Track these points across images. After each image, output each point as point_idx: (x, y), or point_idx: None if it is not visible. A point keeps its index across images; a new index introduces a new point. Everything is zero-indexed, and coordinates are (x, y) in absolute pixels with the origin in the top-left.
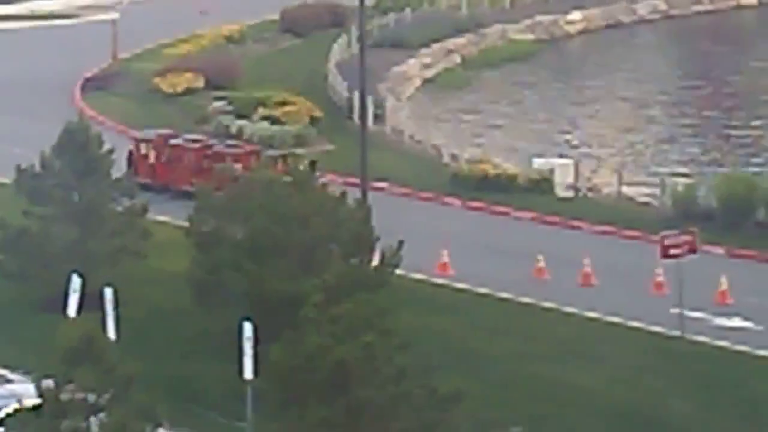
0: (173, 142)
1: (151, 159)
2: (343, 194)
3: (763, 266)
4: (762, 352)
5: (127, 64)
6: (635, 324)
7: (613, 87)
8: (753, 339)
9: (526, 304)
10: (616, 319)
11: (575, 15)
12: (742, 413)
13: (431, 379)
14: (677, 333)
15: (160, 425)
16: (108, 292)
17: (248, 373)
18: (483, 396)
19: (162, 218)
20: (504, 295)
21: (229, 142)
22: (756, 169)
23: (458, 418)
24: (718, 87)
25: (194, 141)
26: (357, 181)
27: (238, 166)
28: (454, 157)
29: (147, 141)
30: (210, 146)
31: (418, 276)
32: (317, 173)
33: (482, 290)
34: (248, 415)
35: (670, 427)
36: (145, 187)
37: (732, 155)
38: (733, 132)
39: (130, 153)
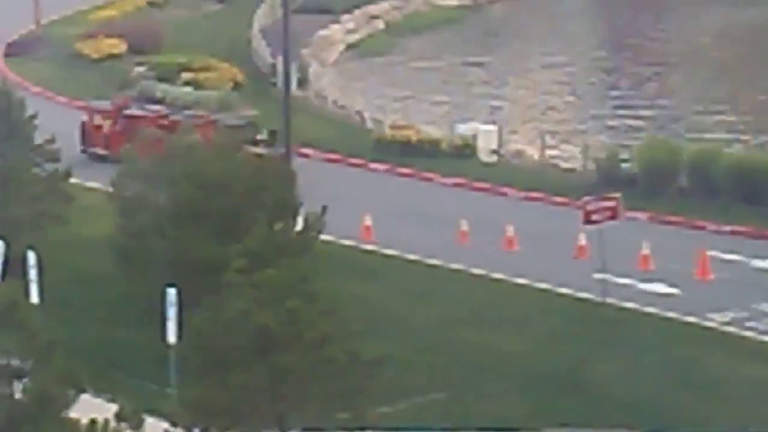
0: (128, 112)
1: (105, 130)
2: (266, 159)
3: (685, 232)
4: (684, 317)
5: (50, 29)
6: (558, 289)
7: (535, 53)
8: (675, 304)
9: (450, 270)
10: (539, 285)
11: None
12: (665, 377)
13: (354, 344)
14: (600, 298)
15: (83, 391)
16: (31, 257)
17: (171, 338)
18: (406, 361)
19: (92, 184)
20: (428, 260)
21: (187, 111)
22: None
23: (381, 383)
24: (636, 53)
25: (150, 111)
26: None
27: (197, 135)
28: (377, 122)
29: (101, 111)
30: (166, 116)
31: (344, 242)
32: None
33: (406, 256)
34: (171, 380)
35: (593, 392)
36: (100, 158)
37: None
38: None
39: (83, 124)
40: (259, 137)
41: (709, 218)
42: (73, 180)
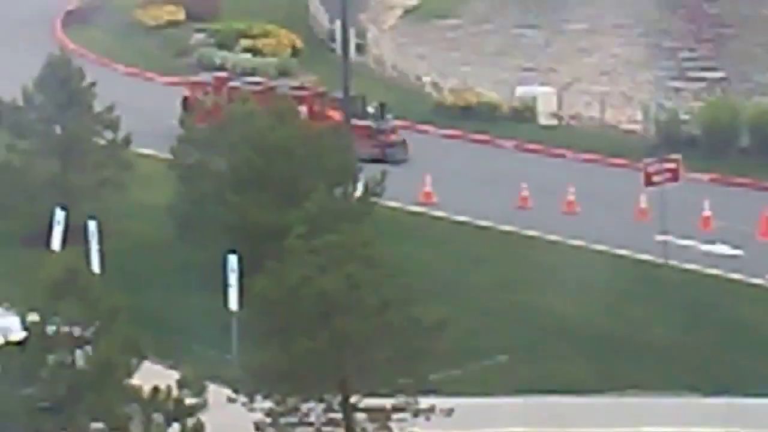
0: (232, 84)
1: (208, 104)
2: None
3: (747, 192)
4: (744, 278)
5: None
6: (619, 251)
7: (595, 15)
8: (736, 265)
9: (510, 233)
10: (599, 247)
11: None
12: (724, 339)
13: (415, 308)
14: (661, 260)
15: (145, 358)
16: (92, 225)
17: (233, 305)
18: (467, 325)
19: (146, 151)
20: (487, 223)
21: (293, 83)
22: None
23: (442, 347)
24: (695, 16)
25: (255, 83)
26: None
27: (303, 108)
28: (436, 87)
29: (204, 84)
30: (272, 88)
31: (404, 206)
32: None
33: (464, 218)
34: (233, 347)
35: (652, 353)
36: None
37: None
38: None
39: (185, 98)
40: (369, 109)
41: None
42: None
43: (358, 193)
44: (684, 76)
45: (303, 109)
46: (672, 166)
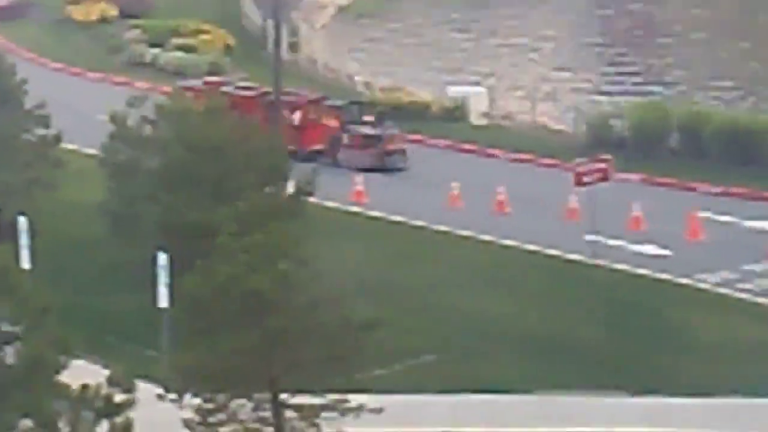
0: (224, 90)
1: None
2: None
3: (676, 193)
4: (672, 278)
5: None
6: (549, 251)
7: (526, 17)
8: (664, 265)
9: (441, 232)
10: (529, 247)
11: None
12: (651, 339)
13: (345, 307)
14: (590, 260)
15: (75, 356)
16: (22, 222)
17: (163, 303)
18: (396, 324)
19: (77, 148)
20: (418, 223)
21: (289, 90)
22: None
23: (372, 346)
24: (631, 17)
25: (246, 89)
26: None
27: (296, 115)
28: (368, 85)
29: (191, 89)
30: (264, 94)
31: (334, 204)
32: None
33: (397, 218)
34: (163, 344)
35: (580, 353)
36: None
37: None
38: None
39: None
40: (366, 117)
41: (700, 179)
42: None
43: (289, 191)
44: (615, 77)
45: (296, 116)
46: (602, 166)
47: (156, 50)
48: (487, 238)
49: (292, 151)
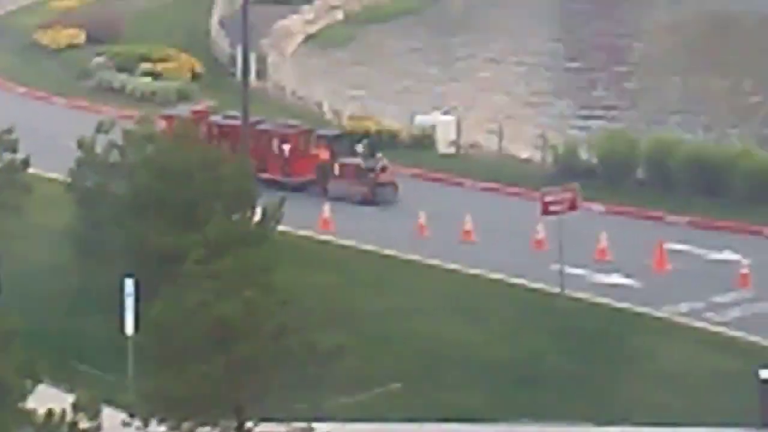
0: (212, 120)
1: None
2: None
3: (642, 223)
4: (640, 309)
5: (7, 19)
6: (516, 280)
7: (493, 46)
8: (632, 295)
9: (408, 261)
10: (496, 276)
11: None
12: (618, 368)
13: (312, 335)
14: (557, 289)
15: (40, 381)
16: None
17: (129, 329)
18: (363, 352)
19: (45, 173)
20: (386, 251)
21: (281, 121)
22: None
23: (338, 373)
24: (600, 46)
25: (234, 118)
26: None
27: (285, 147)
28: (336, 113)
29: (179, 118)
30: (255, 123)
31: (302, 232)
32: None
33: (364, 246)
34: (129, 371)
35: (547, 382)
36: None
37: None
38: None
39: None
40: (357, 148)
41: (667, 209)
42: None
43: (257, 218)
44: (583, 106)
45: (287, 147)
46: (569, 195)
47: (124, 76)
48: (453, 266)
49: (281, 182)
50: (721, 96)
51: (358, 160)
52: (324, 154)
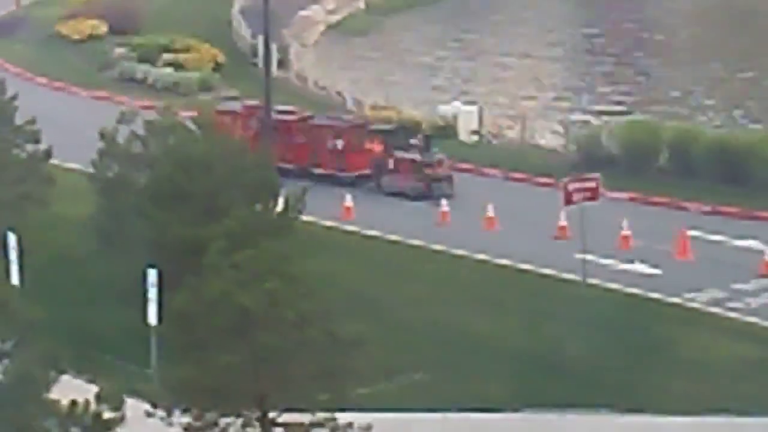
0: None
1: (239, 133)
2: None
3: (665, 212)
4: (662, 297)
5: (30, 10)
6: (538, 269)
7: (516, 34)
8: (654, 283)
9: (430, 250)
10: (519, 265)
11: None
12: (640, 357)
13: (334, 325)
14: (580, 278)
15: (64, 371)
16: (11, 238)
17: (152, 319)
18: (386, 342)
19: (68, 164)
20: (408, 240)
21: (330, 115)
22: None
23: (361, 363)
24: (620, 36)
25: (286, 113)
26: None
27: (339, 141)
28: (358, 103)
29: (231, 113)
30: (306, 118)
31: (325, 222)
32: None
33: (387, 236)
34: (153, 361)
35: (569, 371)
36: None
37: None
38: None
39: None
40: (412, 142)
41: (689, 198)
42: (53, 161)
43: (279, 208)
44: (606, 95)
45: (340, 142)
46: (591, 185)
47: (146, 67)
48: (476, 256)
49: (334, 175)
50: (742, 87)
51: (413, 155)
52: (378, 149)
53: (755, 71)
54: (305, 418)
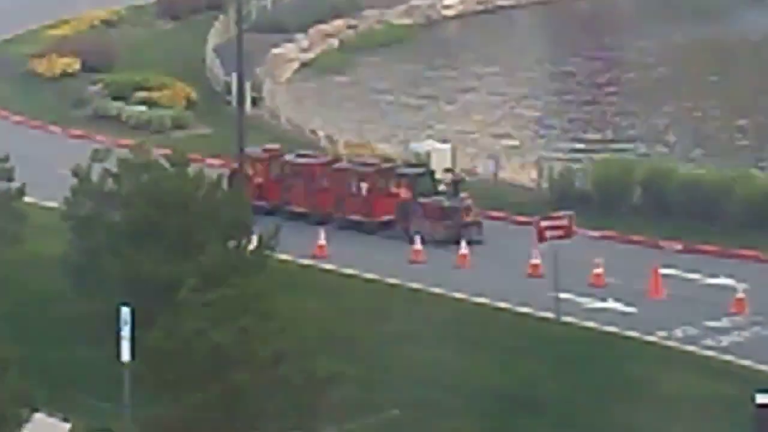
0: (287, 159)
1: (259, 178)
2: (220, 178)
3: (638, 250)
4: (634, 334)
5: (2, 48)
6: (511, 307)
7: (486, 72)
8: (627, 321)
9: (404, 287)
10: (492, 302)
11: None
12: (615, 395)
13: (308, 362)
14: (553, 316)
15: (36, 410)
16: None
17: (126, 357)
18: (361, 379)
19: (40, 202)
20: (380, 277)
21: (358, 159)
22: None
23: (336, 401)
24: (588, 72)
25: (308, 156)
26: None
27: (364, 185)
28: (331, 141)
29: (255, 159)
30: (330, 162)
31: (298, 260)
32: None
33: (357, 272)
34: (126, 399)
35: (543, 410)
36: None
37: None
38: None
39: (232, 171)
40: (441, 187)
41: (662, 236)
42: (27, 199)
43: (252, 246)
44: (578, 134)
45: (365, 186)
46: (565, 222)
47: (119, 104)
48: (447, 292)
49: (360, 222)
50: (714, 124)
51: (441, 199)
52: (405, 193)
53: (726, 111)
54: None
